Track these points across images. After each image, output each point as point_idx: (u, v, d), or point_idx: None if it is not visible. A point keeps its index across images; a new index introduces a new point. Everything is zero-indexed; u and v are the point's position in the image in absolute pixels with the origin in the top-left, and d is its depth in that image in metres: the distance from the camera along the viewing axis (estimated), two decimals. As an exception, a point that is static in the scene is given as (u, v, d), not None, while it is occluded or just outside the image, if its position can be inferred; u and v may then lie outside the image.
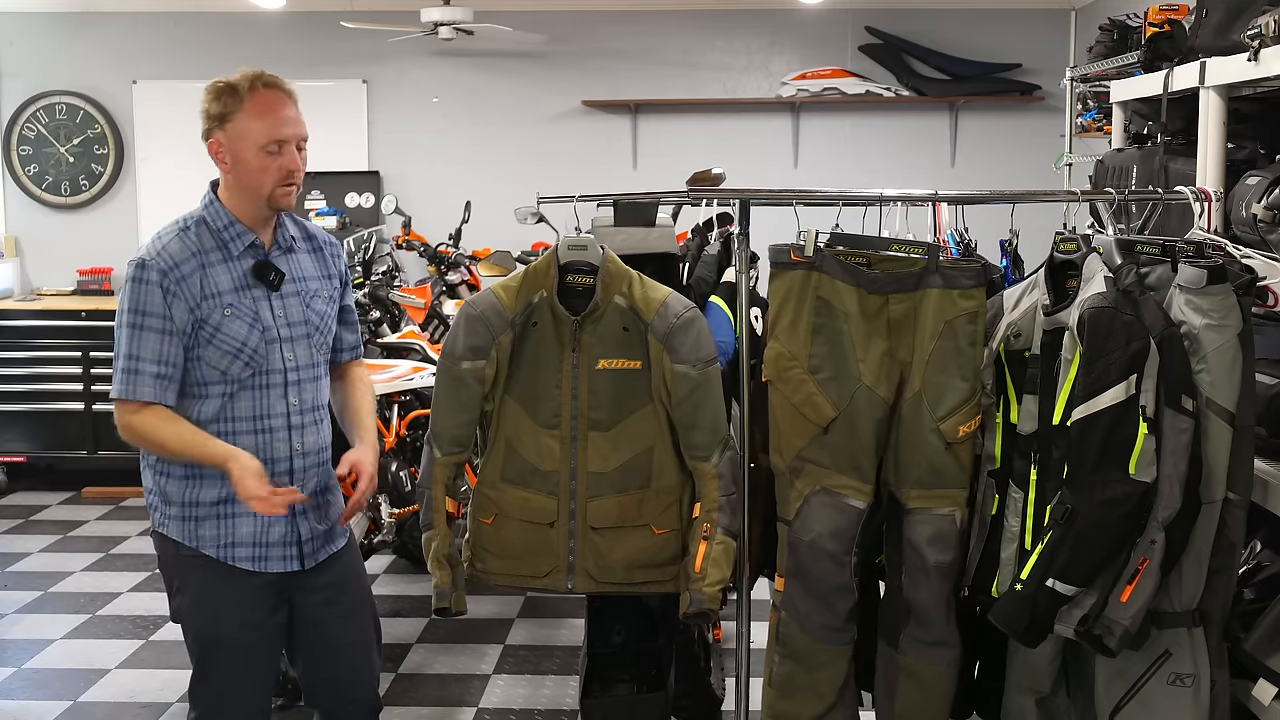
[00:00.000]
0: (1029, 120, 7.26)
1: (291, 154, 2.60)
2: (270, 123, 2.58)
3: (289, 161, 2.60)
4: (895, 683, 2.78)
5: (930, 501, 2.68)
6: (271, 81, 2.61)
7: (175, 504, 2.65)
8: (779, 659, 2.80)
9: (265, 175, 2.59)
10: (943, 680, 2.75)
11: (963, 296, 2.65)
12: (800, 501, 2.72)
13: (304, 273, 2.75)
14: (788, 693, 2.80)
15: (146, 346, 2.55)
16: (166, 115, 7.34)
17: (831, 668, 2.78)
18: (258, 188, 2.61)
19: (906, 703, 2.77)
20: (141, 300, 2.55)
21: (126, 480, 6.77)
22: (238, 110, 2.57)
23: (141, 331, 2.55)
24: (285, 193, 2.62)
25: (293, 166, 2.60)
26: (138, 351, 2.55)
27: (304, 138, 2.64)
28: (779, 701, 2.82)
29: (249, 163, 2.59)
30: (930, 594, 2.69)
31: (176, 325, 2.55)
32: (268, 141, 2.57)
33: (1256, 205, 2.81)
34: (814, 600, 2.74)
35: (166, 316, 2.55)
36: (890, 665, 2.79)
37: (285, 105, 2.61)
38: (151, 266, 2.56)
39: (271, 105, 2.59)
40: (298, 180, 2.63)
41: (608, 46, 7.45)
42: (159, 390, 2.56)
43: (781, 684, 2.81)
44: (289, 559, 2.70)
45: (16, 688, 4.33)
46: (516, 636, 4.74)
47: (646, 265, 2.94)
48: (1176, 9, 4.14)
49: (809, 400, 2.68)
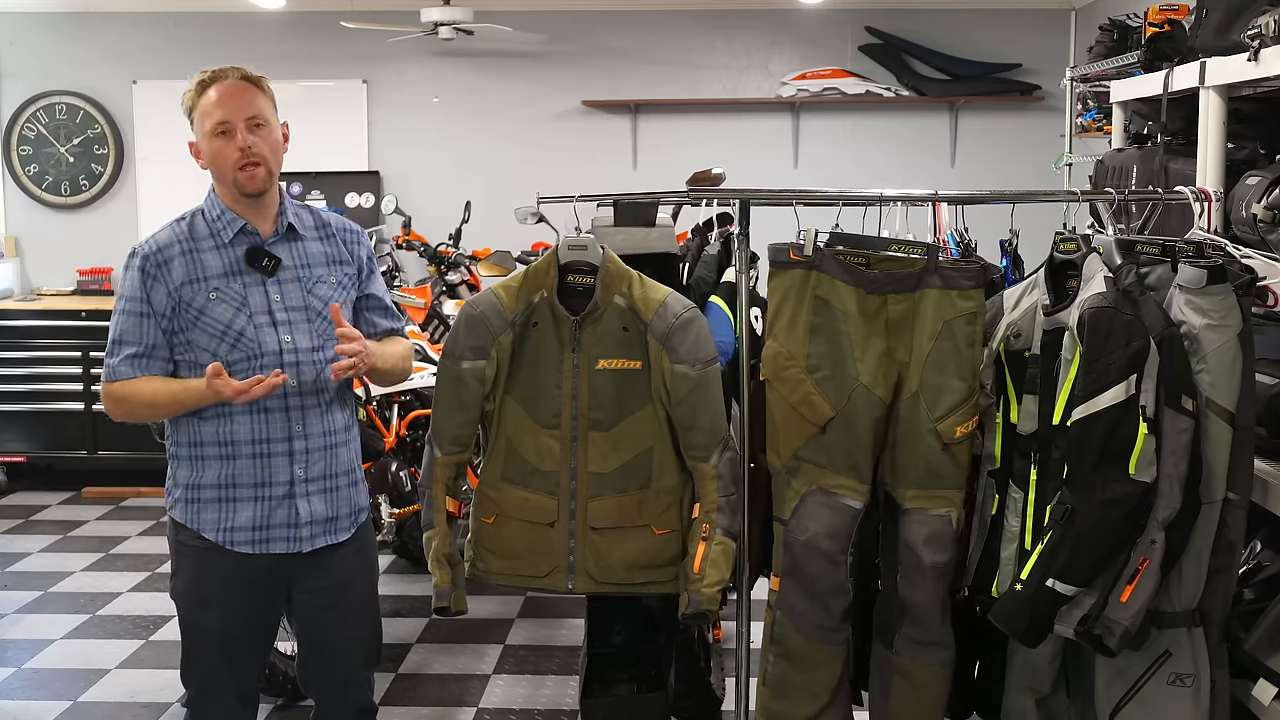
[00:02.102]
0: (1029, 120, 7.27)
1: (240, 134, 2.65)
2: (213, 110, 2.66)
3: (239, 140, 2.65)
4: (890, 683, 2.78)
5: (927, 502, 2.68)
6: (221, 73, 2.69)
7: (182, 486, 2.73)
8: (774, 658, 2.80)
9: (222, 159, 2.67)
10: (938, 681, 2.75)
11: (962, 297, 2.65)
12: (797, 501, 2.72)
13: (309, 259, 2.77)
14: (782, 692, 2.80)
15: (126, 330, 2.68)
16: (166, 115, 7.19)
17: (826, 668, 2.77)
18: (221, 174, 2.70)
19: (901, 703, 2.77)
20: (126, 286, 2.71)
21: (126, 480, 6.80)
22: (195, 105, 2.69)
23: (124, 316, 2.69)
24: (248, 175, 2.67)
25: (242, 144, 2.65)
26: (120, 336, 2.69)
27: (253, 117, 2.67)
28: (773, 701, 2.81)
29: (208, 151, 2.69)
30: (925, 594, 2.69)
31: (155, 308, 2.66)
32: (214, 126, 2.66)
33: (1256, 205, 2.81)
34: (809, 600, 2.74)
35: (144, 299, 2.66)
36: (885, 665, 2.79)
37: (234, 90, 2.67)
38: (138, 254, 2.69)
39: (220, 92, 2.67)
40: (257, 159, 2.66)
41: (608, 46, 7.45)
42: (135, 368, 2.68)
43: (776, 683, 2.80)
44: (291, 540, 2.72)
45: (16, 688, 4.33)
46: (516, 636, 4.75)
47: (646, 265, 2.94)
48: (1176, 9, 4.14)
49: (806, 400, 2.68)
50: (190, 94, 2.70)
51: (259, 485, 2.69)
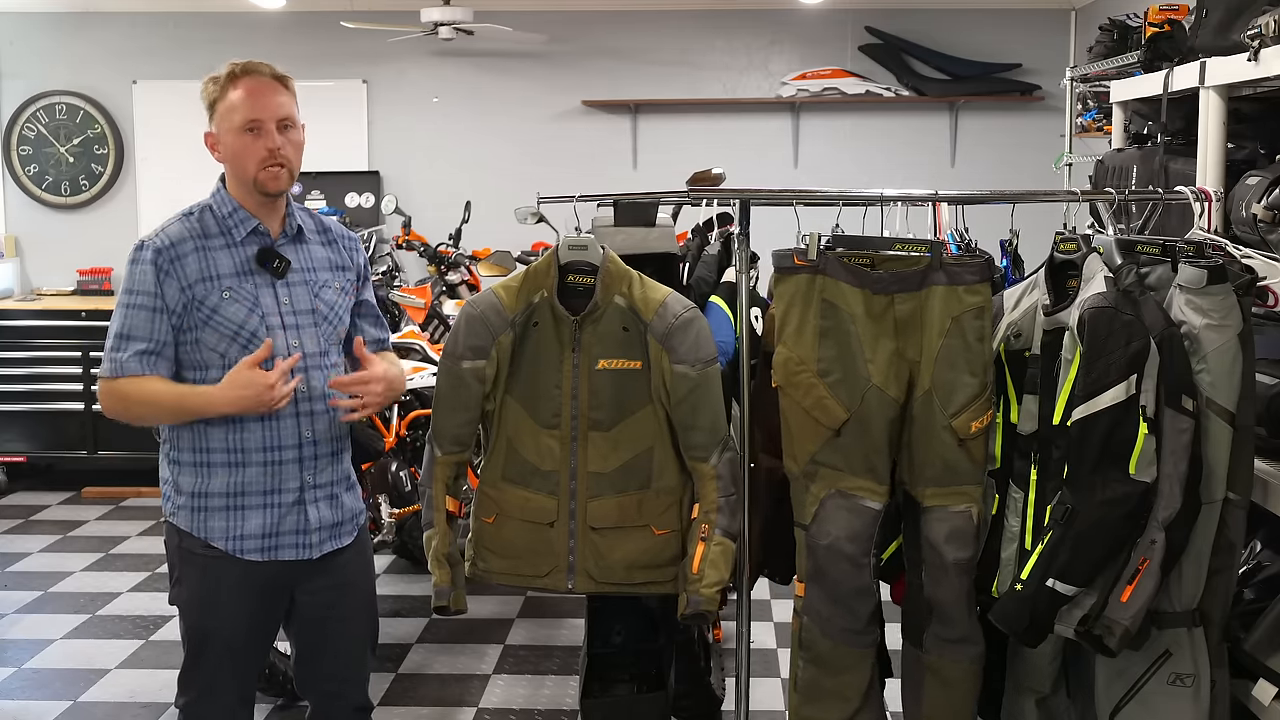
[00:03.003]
0: (1029, 120, 7.27)
1: (271, 134, 2.61)
2: (246, 104, 2.61)
3: (268, 140, 2.61)
4: (921, 682, 2.76)
5: (946, 499, 2.67)
6: (252, 67, 2.64)
7: (185, 494, 2.67)
8: (803, 664, 2.78)
9: (247, 157, 2.61)
10: (968, 678, 2.73)
11: (968, 292, 2.64)
12: (816, 505, 2.70)
13: (314, 263, 2.75)
14: (813, 697, 2.78)
15: (136, 325, 2.59)
16: (166, 115, 7.34)
17: (855, 671, 2.76)
18: (243, 171, 2.63)
19: (933, 703, 2.75)
20: (135, 279, 2.61)
21: (126, 480, 6.79)
22: (221, 97, 2.62)
23: (131, 310, 2.60)
24: (271, 175, 2.63)
25: (271, 145, 2.61)
26: (127, 330, 2.60)
27: (285, 119, 2.65)
28: (805, 706, 2.80)
29: (232, 147, 2.63)
30: (951, 591, 2.68)
31: (167, 304, 2.59)
32: (244, 122, 2.60)
33: (1256, 205, 2.81)
34: (834, 604, 2.72)
35: (157, 294, 2.58)
36: (915, 665, 2.78)
37: (266, 88, 2.63)
38: (148, 246, 2.61)
39: (251, 88, 2.62)
40: (283, 161, 2.63)
41: (608, 46, 7.45)
42: (144, 365, 2.59)
43: (807, 689, 2.79)
44: (300, 547, 2.70)
45: (16, 688, 4.33)
46: (516, 636, 4.74)
47: (646, 265, 2.94)
48: (1176, 9, 4.14)
49: (820, 403, 2.67)
50: (215, 83, 2.63)
51: (268, 493, 2.66)
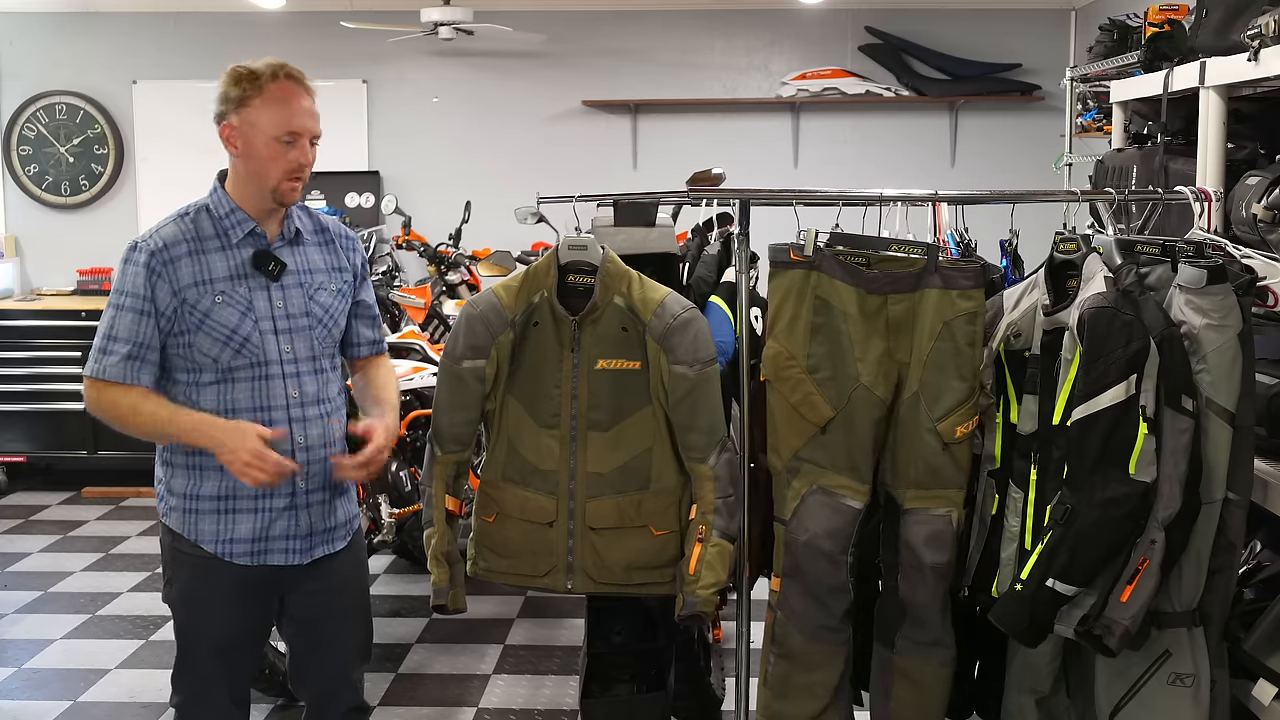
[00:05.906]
0: (1029, 120, 7.27)
1: (304, 148, 2.60)
2: (286, 113, 2.57)
3: (300, 155, 2.59)
4: (890, 683, 2.78)
5: (927, 502, 2.68)
6: (294, 74, 2.60)
7: (178, 495, 2.67)
8: (774, 659, 2.80)
9: (274, 166, 2.58)
10: (938, 681, 2.75)
11: (961, 297, 2.65)
12: (797, 501, 2.72)
13: (310, 265, 2.72)
14: (782, 693, 2.80)
15: (122, 326, 2.56)
16: (166, 115, 7.34)
17: (827, 668, 2.78)
18: (264, 178, 2.59)
19: (902, 703, 2.78)
20: (125, 280, 2.57)
21: (126, 480, 6.78)
22: (256, 97, 2.56)
23: (120, 311, 2.57)
24: (291, 187, 2.61)
25: (303, 160, 2.59)
26: (114, 331, 2.57)
27: (317, 134, 2.63)
28: (774, 701, 2.82)
29: (259, 151, 2.57)
30: (926, 594, 2.69)
31: (157, 307, 2.55)
32: (281, 132, 2.56)
33: (1256, 205, 2.81)
34: (810, 600, 2.74)
35: (147, 297, 2.55)
36: (885, 666, 2.79)
37: (304, 98, 2.60)
38: (142, 248, 2.57)
39: (290, 96, 2.58)
40: (305, 176, 2.62)
41: (608, 46, 7.45)
42: (128, 371, 2.56)
43: (776, 684, 2.80)
44: (290, 553, 2.69)
45: (16, 688, 4.32)
46: (516, 636, 4.74)
47: (647, 265, 2.94)
48: (1176, 9, 4.14)
49: (807, 400, 2.68)
50: (251, 79, 2.56)
51: (259, 497, 2.64)
